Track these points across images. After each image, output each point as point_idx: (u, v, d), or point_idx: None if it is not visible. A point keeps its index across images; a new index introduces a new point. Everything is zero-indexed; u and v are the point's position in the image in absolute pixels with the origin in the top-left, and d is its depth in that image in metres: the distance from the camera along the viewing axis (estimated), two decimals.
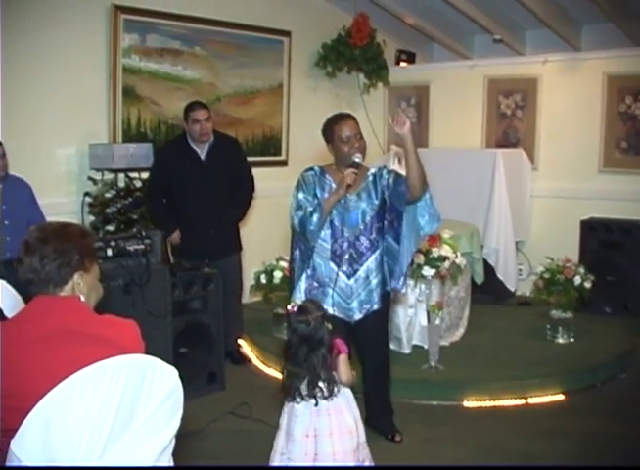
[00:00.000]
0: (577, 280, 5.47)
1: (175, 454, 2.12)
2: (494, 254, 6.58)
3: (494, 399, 4.71)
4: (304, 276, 3.78)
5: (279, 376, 5.20)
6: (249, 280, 5.75)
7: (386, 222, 3.85)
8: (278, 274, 5.50)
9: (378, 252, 3.85)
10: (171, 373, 2.01)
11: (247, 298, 6.15)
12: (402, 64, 8.22)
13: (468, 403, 4.71)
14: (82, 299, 2.24)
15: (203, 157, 5.21)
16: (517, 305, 6.80)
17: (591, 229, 6.62)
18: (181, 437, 2.15)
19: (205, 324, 4.86)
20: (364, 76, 7.80)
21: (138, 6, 5.86)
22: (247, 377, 5.26)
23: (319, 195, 3.75)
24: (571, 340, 5.62)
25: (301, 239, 3.76)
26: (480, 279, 5.84)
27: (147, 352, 2.04)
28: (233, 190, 5.30)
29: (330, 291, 3.75)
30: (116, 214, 5.42)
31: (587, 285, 5.50)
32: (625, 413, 4.57)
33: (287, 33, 7.13)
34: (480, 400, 4.71)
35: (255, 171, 5.52)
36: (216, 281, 4.92)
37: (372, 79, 7.79)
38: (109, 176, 5.58)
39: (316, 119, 7.69)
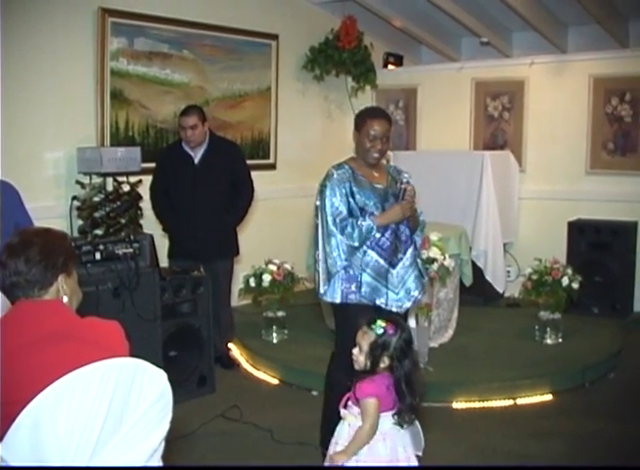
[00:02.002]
0: (565, 281, 5.49)
1: (166, 457, 2.12)
2: (483, 255, 6.59)
3: (483, 401, 4.73)
4: (339, 275, 3.66)
5: (269, 379, 5.25)
6: (238, 283, 5.74)
7: None
8: (267, 277, 5.49)
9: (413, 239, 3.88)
10: (161, 376, 2.02)
11: (236, 301, 6.15)
12: (390, 66, 8.23)
13: (457, 405, 4.72)
14: (65, 301, 2.24)
15: (196, 161, 5.23)
16: (505, 307, 6.83)
17: (579, 230, 6.66)
18: (172, 440, 2.15)
19: (194, 327, 4.86)
20: (352, 79, 7.81)
21: (125, 9, 5.85)
22: (237, 380, 5.26)
23: (355, 191, 3.66)
24: (560, 340, 5.65)
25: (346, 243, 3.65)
26: (468, 281, 5.86)
27: (137, 356, 2.04)
28: (230, 194, 5.31)
29: (379, 285, 3.70)
30: (105, 218, 5.42)
31: (575, 286, 5.52)
32: (614, 413, 4.60)
33: (275, 37, 7.14)
34: (470, 401, 4.73)
35: None
36: (206, 284, 4.93)
37: (360, 82, 7.79)
38: (97, 180, 5.57)
39: (305, 122, 7.81)
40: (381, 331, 2.85)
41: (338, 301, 3.68)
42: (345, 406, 3.00)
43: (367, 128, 3.70)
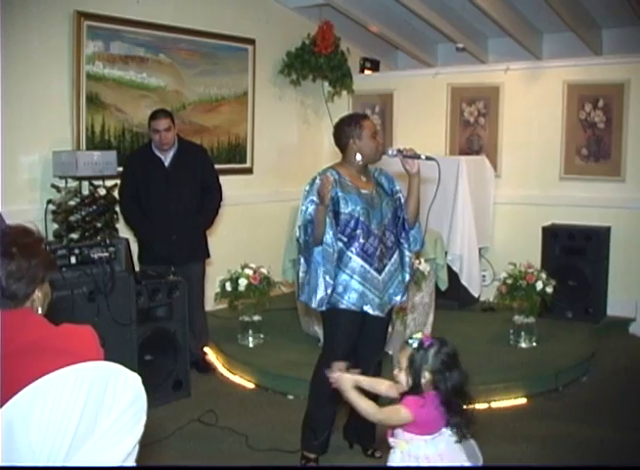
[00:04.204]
0: (539, 285, 5.54)
1: (140, 461, 2.11)
2: (458, 260, 6.63)
3: None
4: (324, 282, 3.64)
5: (245, 383, 5.24)
6: (214, 288, 5.73)
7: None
8: (243, 282, 5.49)
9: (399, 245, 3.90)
10: (135, 380, 2.01)
11: (211, 305, 6.14)
12: (367, 72, 8.26)
13: None
14: (39, 311, 2.22)
15: (167, 164, 5.22)
16: (481, 311, 6.86)
17: (553, 235, 6.70)
18: (147, 444, 2.15)
19: (170, 332, 4.85)
20: (329, 84, 7.83)
21: (102, 13, 5.84)
22: (212, 384, 5.25)
23: (341, 196, 3.68)
24: (534, 344, 5.70)
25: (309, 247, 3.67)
26: (444, 285, 5.88)
27: (112, 360, 2.03)
28: (200, 197, 5.30)
29: (366, 291, 3.71)
30: (80, 222, 5.40)
31: (549, 290, 5.57)
32: (587, 416, 4.64)
33: (251, 41, 7.15)
34: None
35: (221, 179, 5.49)
36: (181, 289, 4.92)
37: (336, 87, 7.82)
38: (72, 184, 5.55)
39: (281, 127, 7.81)
40: (416, 344, 2.79)
41: (326, 307, 3.69)
42: (392, 435, 2.89)
43: (368, 130, 3.83)
